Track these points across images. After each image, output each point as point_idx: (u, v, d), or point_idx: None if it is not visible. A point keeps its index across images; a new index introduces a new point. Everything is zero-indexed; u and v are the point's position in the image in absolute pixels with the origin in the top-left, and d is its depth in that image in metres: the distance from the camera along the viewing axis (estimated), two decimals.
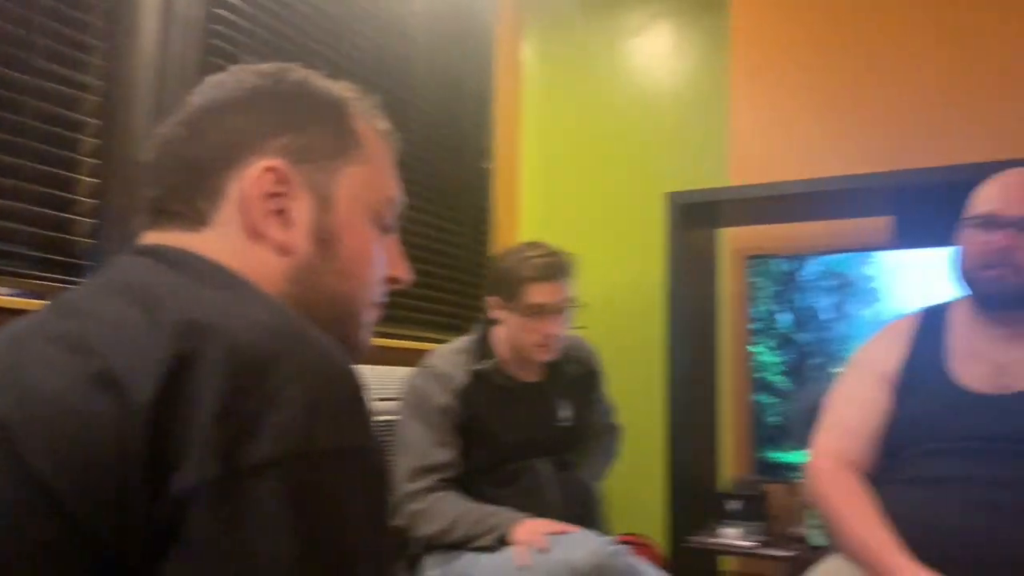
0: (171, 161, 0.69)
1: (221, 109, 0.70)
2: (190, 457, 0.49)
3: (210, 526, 0.48)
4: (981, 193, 1.50)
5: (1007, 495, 1.33)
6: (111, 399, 0.51)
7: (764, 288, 2.45)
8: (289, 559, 0.49)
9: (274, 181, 0.67)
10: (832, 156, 2.56)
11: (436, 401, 1.86)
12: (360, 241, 0.72)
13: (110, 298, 0.60)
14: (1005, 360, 1.45)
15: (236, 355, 0.52)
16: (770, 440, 2.41)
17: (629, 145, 2.96)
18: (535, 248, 1.92)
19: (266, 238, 0.67)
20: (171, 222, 0.68)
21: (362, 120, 0.74)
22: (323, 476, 0.52)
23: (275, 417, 0.50)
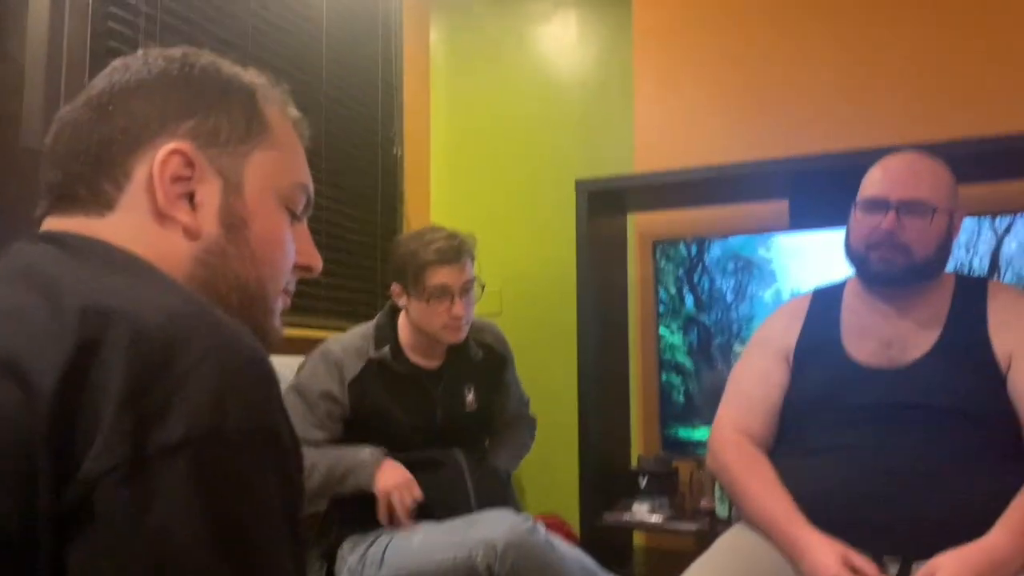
0: (75, 145, 0.68)
1: (127, 92, 0.68)
2: (98, 442, 0.49)
3: (120, 509, 0.48)
4: (868, 177, 1.57)
5: (897, 460, 1.41)
6: (14, 387, 0.50)
7: (670, 271, 2.52)
8: (200, 540, 0.49)
9: (181, 164, 0.67)
10: (733, 143, 2.65)
11: (321, 386, 1.86)
12: (269, 226, 0.72)
13: (9, 286, 0.59)
14: (892, 335, 1.54)
15: (141, 339, 0.52)
16: (678, 418, 2.48)
17: (537, 132, 2.99)
18: (435, 231, 1.94)
19: (173, 221, 0.67)
20: (74, 207, 0.67)
21: (271, 106, 0.74)
22: (233, 457, 0.51)
23: (183, 399, 0.50)
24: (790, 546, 1.40)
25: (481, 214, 2.96)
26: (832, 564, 1.32)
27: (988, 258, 2.15)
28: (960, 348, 1.48)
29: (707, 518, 2.29)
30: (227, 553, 0.50)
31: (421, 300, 1.89)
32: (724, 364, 2.41)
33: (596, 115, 2.91)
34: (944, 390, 1.44)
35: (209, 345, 0.53)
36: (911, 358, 1.50)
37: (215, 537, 0.49)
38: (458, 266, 1.89)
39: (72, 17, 1.81)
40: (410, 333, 1.95)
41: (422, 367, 1.96)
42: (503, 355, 2.11)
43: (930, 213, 1.49)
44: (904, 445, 1.42)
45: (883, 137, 2.32)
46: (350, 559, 1.81)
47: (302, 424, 1.84)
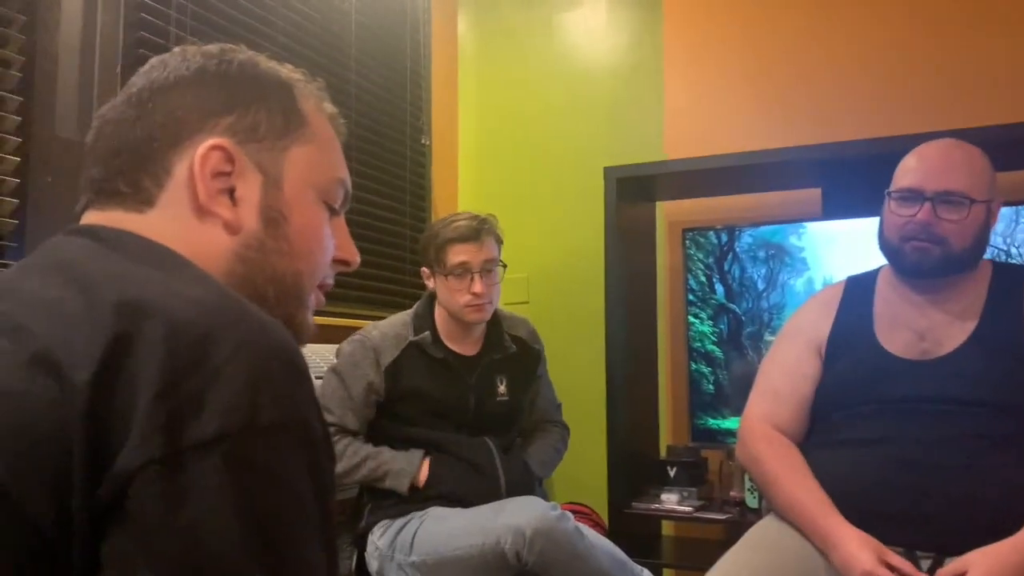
0: (116, 141, 0.68)
1: (166, 89, 0.69)
2: (133, 436, 0.49)
3: (154, 504, 0.48)
4: (903, 166, 1.53)
5: (929, 454, 1.39)
6: (49, 381, 0.50)
7: (700, 260, 2.51)
8: (233, 535, 0.49)
9: (221, 159, 0.67)
10: (764, 130, 2.62)
11: (364, 373, 1.90)
12: (308, 221, 0.72)
13: (45, 279, 0.59)
14: (925, 326, 1.51)
15: (175, 333, 0.52)
16: (707, 407, 2.47)
17: (566, 120, 2.97)
18: (458, 214, 2.01)
19: (214, 216, 0.67)
20: (114, 202, 0.68)
21: (309, 102, 0.74)
22: (266, 451, 0.52)
23: (217, 394, 0.50)
24: (822, 538, 1.39)
25: (509, 203, 2.95)
26: (867, 559, 1.31)
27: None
28: (997, 340, 1.45)
29: (736, 508, 2.28)
30: (260, 548, 0.50)
31: (443, 278, 1.94)
32: (754, 353, 2.39)
33: (625, 102, 2.89)
34: (980, 383, 1.41)
35: (242, 339, 0.53)
36: (946, 350, 1.47)
37: (248, 532, 0.50)
38: (477, 244, 1.93)
39: (105, 9, 1.83)
40: (445, 320, 1.99)
41: (458, 353, 1.99)
42: (536, 349, 2.14)
43: (967, 204, 1.45)
44: (938, 438, 1.40)
45: (919, 124, 2.28)
46: (380, 543, 1.83)
47: (341, 409, 1.90)
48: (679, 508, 2.28)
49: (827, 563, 1.38)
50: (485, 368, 2.01)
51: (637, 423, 2.53)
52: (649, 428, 2.64)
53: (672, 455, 2.46)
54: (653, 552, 2.42)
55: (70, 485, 0.49)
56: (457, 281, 1.92)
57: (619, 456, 2.38)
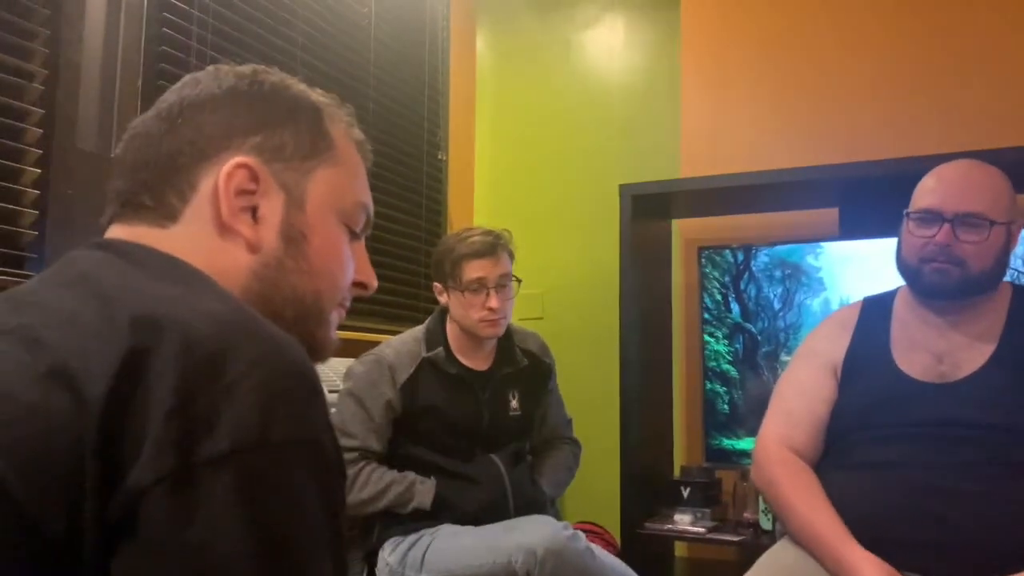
0: (144, 154, 0.69)
1: (197, 106, 0.70)
2: (146, 451, 0.49)
3: (166, 520, 0.48)
4: (922, 186, 1.52)
5: (945, 479, 1.37)
6: (64, 394, 0.51)
7: (715, 278, 2.49)
8: (244, 552, 0.49)
9: (246, 178, 0.68)
10: (781, 149, 2.61)
11: (382, 392, 1.89)
12: (329, 242, 0.73)
13: (63, 292, 0.59)
14: (944, 349, 1.49)
15: (191, 349, 0.52)
16: (721, 427, 2.45)
17: (583, 137, 2.98)
18: (472, 229, 2.01)
19: (235, 234, 0.68)
20: (138, 217, 0.68)
21: (337, 126, 0.75)
22: (278, 469, 0.52)
23: (230, 411, 0.51)
24: (837, 564, 1.37)
25: (525, 219, 2.95)
26: None
27: None
28: (1016, 363, 1.43)
29: (750, 530, 2.26)
30: (270, 565, 0.50)
31: (459, 293, 1.93)
32: (770, 373, 2.37)
33: (642, 120, 2.89)
34: (998, 407, 1.39)
35: (257, 356, 0.53)
36: (964, 373, 1.46)
37: (258, 550, 0.50)
38: (493, 259, 1.93)
39: (127, 23, 1.86)
40: (457, 335, 1.99)
41: (471, 368, 1.98)
42: (547, 364, 2.13)
43: (987, 226, 1.43)
44: (955, 464, 1.38)
45: (938, 144, 2.26)
46: (391, 560, 1.83)
47: (362, 431, 1.88)
48: (692, 529, 2.26)
49: None
50: (498, 383, 2.01)
51: (651, 442, 2.51)
52: (663, 447, 2.62)
53: (686, 475, 2.44)
54: (666, 573, 2.39)
55: (82, 499, 0.49)
56: (473, 296, 1.92)
57: (632, 475, 2.37)
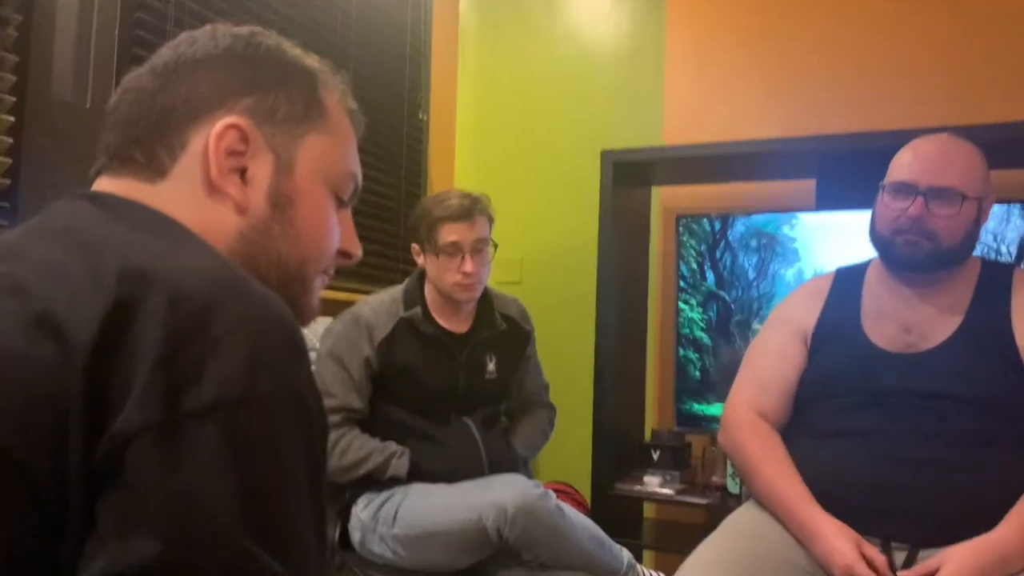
0: (136, 109, 0.69)
1: (192, 64, 0.70)
2: (131, 401, 0.50)
3: (150, 467, 0.49)
4: (898, 160, 1.54)
5: (909, 448, 1.40)
6: (51, 342, 0.51)
7: (692, 246, 2.51)
8: (226, 500, 0.50)
9: (237, 139, 0.68)
10: (763, 120, 2.62)
11: (360, 349, 1.89)
12: (316, 209, 0.73)
13: (49, 242, 0.60)
14: (912, 320, 1.52)
15: (178, 302, 0.53)
16: (693, 393, 2.49)
17: (566, 101, 2.97)
18: (451, 192, 2.00)
19: (223, 194, 0.68)
20: (127, 170, 0.68)
21: (330, 93, 0.76)
22: (262, 423, 0.53)
23: (217, 364, 0.51)
24: (801, 529, 1.41)
25: (505, 182, 2.95)
26: (849, 552, 1.32)
27: (1016, 245, 2.12)
28: (981, 336, 1.46)
29: (717, 493, 2.31)
30: (252, 514, 0.51)
31: (434, 256, 1.93)
32: (742, 341, 2.40)
33: (626, 86, 2.89)
34: (962, 378, 1.43)
35: (243, 311, 0.54)
36: (931, 344, 1.49)
37: (241, 498, 0.51)
38: (468, 223, 1.93)
39: None
40: (435, 296, 1.99)
41: (448, 331, 1.99)
42: (526, 330, 2.14)
43: (959, 200, 1.45)
44: (918, 432, 1.41)
45: (915, 119, 2.29)
46: (363, 516, 1.85)
47: (343, 390, 1.88)
48: (661, 491, 2.31)
49: (806, 552, 1.40)
50: (475, 346, 2.02)
51: (623, 406, 2.55)
52: (635, 411, 2.66)
53: (656, 439, 2.48)
54: (634, 533, 2.44)
55: (67, 445, 0.50)
56: (447, 260, 1.93)
57: (604, 437, 2.40)
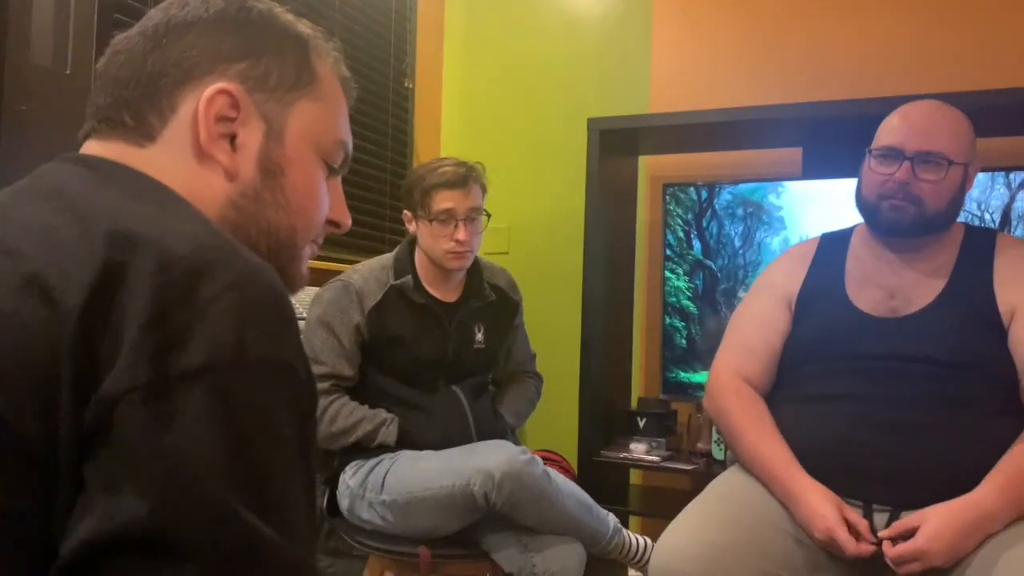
0: (126, 72, 0.69)
1: (183, 27, 0.69)
2: (120, 362, 0.50)
3: (138, 428, 0.49)
4: (886, 124, 1.54)
5: (890, 411, 1.42)
6: (40, 303, 0.51)
7: (679, 215, 2.52)
8: (215, 462, 0.51)
9: (227, 104, 0.68)
10: (750, 88, 2.61)
11: (350, 317, 1.89)
12: (305, 177, 0.72)
13: (38, 205, 0.59)
14: (896, 285, 1.53)
15: (167, 266, 0.53)
16: (679, 361, 2.51)
17: (553, 69, 2.94)
18: (444, 159, 1.98)
19: (212, 160, 0.67)
20: (115, 133, 0.68)
21: (323, 61, 0.75)
22: (251, 386, 0.53)
23: (205, 327, 0.52)
24: (784, 492, 1.42)
25: (492, 151, 2.93)
26: (830, 515, 1.34)
27: (1000, 213, 2.13)
28: (963, 301, 1.48)
29: (703, 459, 2.33)
30: (240, 478, 0.51)
31: (427, 223, 1.92)
32: (728, 310, 2.42)
33: (613, 54, 2.87)
34: (944, 342, 1.44)
35: (233, 277, 0.54)
36: (914, 308, 1.50)
37: (229, 461, 0.51)
38: (463, 191, 1.92)
39: None
40: (426, 265, 1.99)
41: (438, 299, 1.99)
42: (515, 300, 2.15)
43: (945, 166, 1.46)
44: (901, 396, 1.43)
45: (901, 86, 2.29)
46: (351, 483, 1.86)
47: (332, 357, 1.88)
48: (646, 458, 2.33)
49: (789, 515, 1.42)
50: (464, 315, 2.02)
51: (610, 374, 2.56)
52: (622, 379, 2.67)
53: (643, 406, 2.50)
54: (620, 499, 2.47)
55: (56, 406, 0.50)
56: (441, 227, 1.92)
57: (591, 406, 2.42)
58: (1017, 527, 1.28)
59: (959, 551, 1.27)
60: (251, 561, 0.51)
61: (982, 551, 1.26)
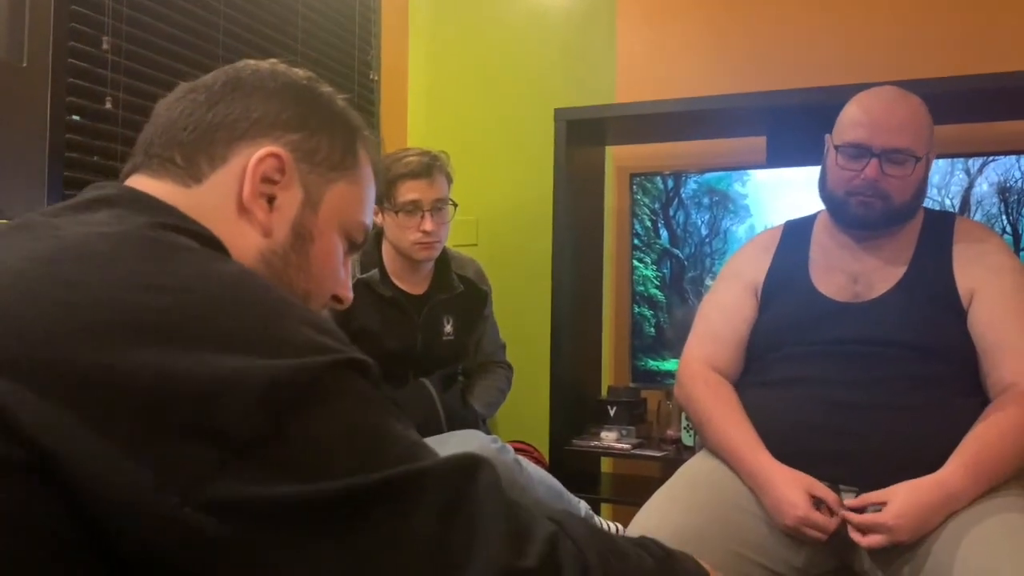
0: (186, 116, 0.73)
1: (251, 89, 0.74)
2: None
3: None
4: (848, 117, 1.53)
5: (854, 394, 1.44)
6: None
7: (646, 205, 2.53)
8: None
9: (274, 168, 0.72)
10: (715, 77, 2.63)
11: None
12: (329, 250, 0.77)
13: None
14: (858, 270, 1.55)
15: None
16: (648, 350, 2.53)
17: (519, 60, 2.94)
18: (407, 149, 1.98)
19: (251, 215, 0.71)
20: (165, 171, 0.71)
21: (365, 150, 0.81)
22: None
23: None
24: (752, 477, 1.44)
25: (459, 143, 2.92)
26: (800, 503, 1.34)
27: (959, 198, 2.17)
28: (924, 284, 1.50)
29: (673, 446, 2.35)
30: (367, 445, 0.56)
31: (393, 215, 1.90)
32: (695, 298, 2.44)
33: (578, 44, 2.87)
34: (905, 325, 1.46)
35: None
36: (876, 293, 1.52)
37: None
38: (428, 180, 1.91)
39: None
40: (393, 257, 1.97)
41: (406, 292, 1.98)
42: (483, 291, 2.14)
43: (912, 162, 1.47)
44: (865, 379, 1.44)
45: (862, 74, 2.31)
46: None
47: None
48: (617, 445, 2.34)
49: (758, 499, 1.44)
50: (432, 307, 2.01)
51: (580, 364, 2.57)
52: (591, 369, 2.69)
53: (613, 395, 2.51)
54: (592, 487, 2.48)
55: None
56: (407, 218, 1.91)
57: (561, 396, 2.43)
58: (981, 504, 1.30)
59: (924, 528, 1.29)
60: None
61: (947, 528, 1.28)
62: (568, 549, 0.57)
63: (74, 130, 1.87)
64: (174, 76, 2.10)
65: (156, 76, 2.04)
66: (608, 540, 0.64)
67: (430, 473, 0.55)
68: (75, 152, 1.86)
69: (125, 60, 1.98)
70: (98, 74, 1.92)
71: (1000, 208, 2.14)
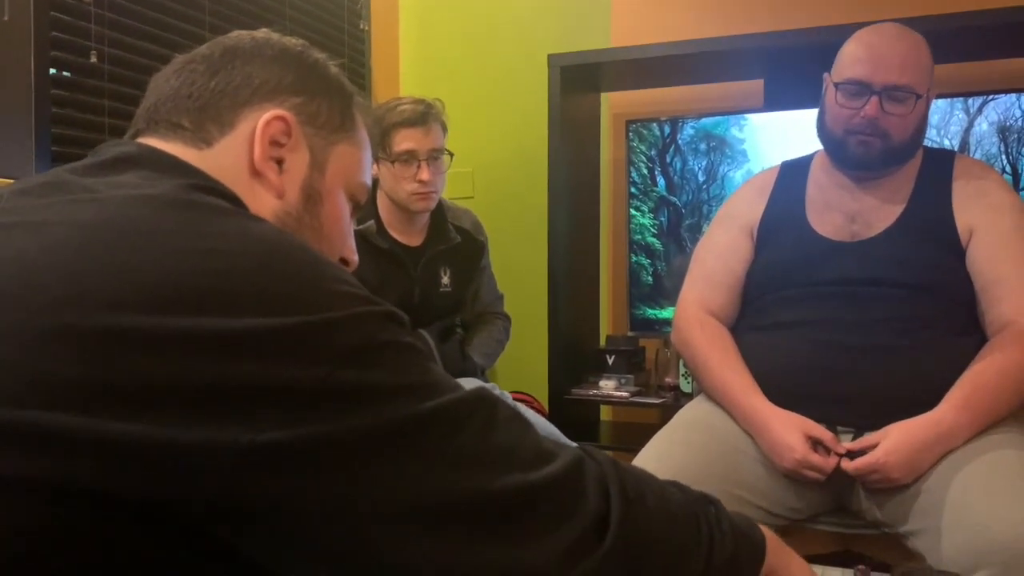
0: (191, 84, 0.74)
1: (250, 55, 0.76)
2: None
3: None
4: (849, 54, 1.49)
5: (853, 334, 1.43)
6: None
7: (643, 152, 2.50)
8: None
9: (281, 130, 0.74)
10: (712, 20, 2.58)
11: None
12: (337, 210, 0.79)
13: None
14: (856, 209, 1.54)
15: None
16: (645, 298, 2.52)
17: (511, 4, 2.89)
18: (401, 98, 1.95)
19: (263, 177, 0.73)
20: (175, 134, 0.72)
21: (361, 113, 0.83)
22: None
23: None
24: (749, 421, 1.44)
25: (453, 93, 2.87)
26: (797, 446, 1.35)
27: (959, 139, 2.15)
28: (923, 222, 1.48)
29: (671, 393, 2.37)
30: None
31: (388, 164, 1.88)
32: (693, 245, 2.41)
33: None
34: (903, 264, 1.45)
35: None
36: (874, 232, 1.50)
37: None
38: (424, 129, 1.88)
39: None
40: (389, 209, 1.96)
41: (403, 244, 1.97)
42: (480, 241, 2.13)
43: (913, 99, 1.44)
44: (862, 319, 1.44)
45: (860, 13, 2.27)
46: None
47: None
48: (616, 394, 2.36)
49: (755, 442, 1.45)
50: (429, 259, 2.00)
51: (578, 313, 2.57)
52: (589, 318, 2.69)
53: (611, 344, 2.52)
54: (591, 435, 2.50)
55: None
56: (403, 168, 1.89)
57: (560, 346, 2.43)
58: (975, 443, 1.30)
59: (917, 466, 1.30)
60: None
61: (941, 466, 1.29)
62: (591, 465, 0.65)
63: (60, 85, 1.84)
64: (160, 29, 2.06)
65: (141, 28, 2.01)
66: (629, 468, 0.70)
67: (467, 398, 0.60)
68: (62, 108, 1.84)
69: (109, 13, 1.94)
70: (82, 27, 1.88)
71: (1000, 147, 2.12)
